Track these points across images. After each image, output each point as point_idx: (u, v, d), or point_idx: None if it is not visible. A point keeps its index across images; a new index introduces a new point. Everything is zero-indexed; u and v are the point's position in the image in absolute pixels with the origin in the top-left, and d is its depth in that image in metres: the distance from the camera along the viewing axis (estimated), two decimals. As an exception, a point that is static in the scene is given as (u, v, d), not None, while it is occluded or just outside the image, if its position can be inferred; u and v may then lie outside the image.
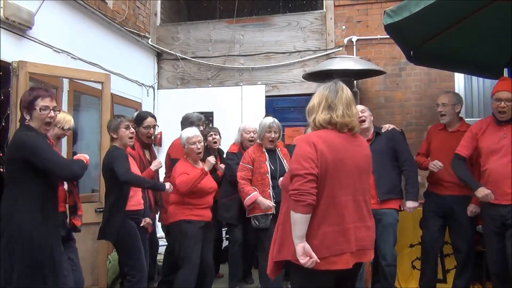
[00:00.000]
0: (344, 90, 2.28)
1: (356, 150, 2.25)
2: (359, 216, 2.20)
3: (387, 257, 3.64)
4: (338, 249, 2.11)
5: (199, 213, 3.68)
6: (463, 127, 3.82)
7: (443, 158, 3.78)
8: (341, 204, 2.15)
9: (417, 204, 3.74)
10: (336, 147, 2.18)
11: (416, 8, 3.12)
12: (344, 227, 2.13)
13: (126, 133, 3.46)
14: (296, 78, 6.03)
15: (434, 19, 3.53)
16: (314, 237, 2.11)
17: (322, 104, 2.25)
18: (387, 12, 3.36)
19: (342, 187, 2.16)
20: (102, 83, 4.34)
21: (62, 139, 4.27)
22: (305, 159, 2.12)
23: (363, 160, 2.28)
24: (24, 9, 3.91)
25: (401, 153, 3.75)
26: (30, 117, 2.58)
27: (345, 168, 2.17)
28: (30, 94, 2.61)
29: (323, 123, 2.23)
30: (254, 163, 3.93)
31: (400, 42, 4.05)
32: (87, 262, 3.87)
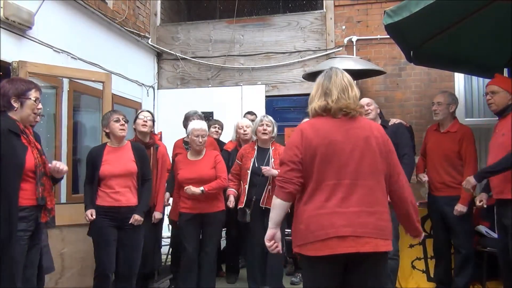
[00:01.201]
0: (338, 75, 2.26)
1: (353, 132, 2.13)
2: (359, 201, 2.05)
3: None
4: (322, 234, 2.01)
5: (188, 205, 3.86)
6: (453, 128, 3.83)
7: (435, 158, 3.84)
8: (328, 188, 2.06)
9: None
10: (325, 131, 2.12)
11: (416, 8, 3.12)
12: (329, 211, 2.03)
13: (116, 125, 3.48)
14: (296, 78, 6.03)
15: (434, 19, 3.53)
16: (300, 222, 2.10)
17: (318, 92, 2.24)
18: (387, 12, 3.36)
19: (333, 171, 2.07)
20: (103, 83, 4.34)
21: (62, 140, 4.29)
22: (290, 147, 2.16)
23: (366, 143, 2.12)
24: (24, 9, 3.91)
25: (401, 146, 3.72)
26: (20, 106, 2.57)
27: (336, 151, 2.08)
28: (21, 83, 2.60)
29: (319, 110, 2.19)
30: (242, 158, 4.07)
31: (400, 42, 4.05)
32: (88, 263, 3.86)
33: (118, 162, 3.48)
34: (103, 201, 3.41)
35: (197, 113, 4.62)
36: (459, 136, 3.75)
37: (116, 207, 3.42)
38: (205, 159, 3.95)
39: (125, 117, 3.57)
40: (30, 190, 2.56)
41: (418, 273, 4.18)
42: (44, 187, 2.61)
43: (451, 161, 3.73)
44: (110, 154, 3.49)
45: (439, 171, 3.76)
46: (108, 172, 3.42)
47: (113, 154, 3.50)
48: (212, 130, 4.82)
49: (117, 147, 3.54)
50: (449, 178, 3.72)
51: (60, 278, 3.75)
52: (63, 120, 4.34)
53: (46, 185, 2.63)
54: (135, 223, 3.46)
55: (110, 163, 3.45)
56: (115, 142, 3.54)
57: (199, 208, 3.83)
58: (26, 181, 2.55)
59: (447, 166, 3.72)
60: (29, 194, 2.55)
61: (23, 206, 2.52)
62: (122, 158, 3.51)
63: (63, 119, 4.33)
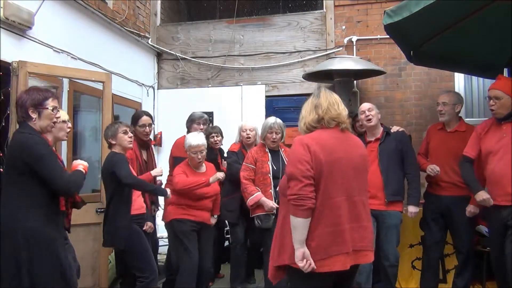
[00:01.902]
0: (326, 92, 2.34)
1: (351, 150, 2.25)
2: (356, 217, 2.19)
3: (390, 257, 3.65)
4: (334, 250, 2.11)
5: (192, 213, 3.74)
6: (461, 127, 3.82)
7: (441, 158, 3.79)
8: (336, 205, 2.14)
9: (418, 209, 3.77)
10: (330, 147, 2.18)
11: (416, 8, 3.12)
12: (339, 228, 2.13)
13: (124, 138, 3.45)
14: (296, 78, 6.03)
15: (434, 19, 3.53)
16: (311, 239, 2.12)
17: (308, 108, 2.31)
18: (387, 12, 3.36)
19: (337, 188, 2.15)
20: (103, 83, 4.33)
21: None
22: (300, 161, 2.13)
23: (359, 160, 2.27)
24: (24, 9, 3.91)
25: (407, 156, 3.77)
26: (38, 116, 2.57)
27: (339, 168, 2.17)
28: (38, 93, 2.61)
29: (312, 123, 2.27)
30: (257, 163, 3.94)
31: (400, 42, 4.05)
32: (88, 263, 3.87)
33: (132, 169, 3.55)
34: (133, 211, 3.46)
35: (203, 117, 4.50)
36: (468, 135, 3.67)
37: (143, 214, 3.61)
38: (209, 171, 3.91)
39: (131, 128, 3.60)
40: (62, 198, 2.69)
41: (418, 273, 4.17)
42: None
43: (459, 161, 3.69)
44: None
45: (446, 170, 3.70)
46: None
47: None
48: (212, 141, 4.52)
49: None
50: (457, 177, 3.62)
51: (60, 278, 3.75)
52: (63, 120, 4.33)
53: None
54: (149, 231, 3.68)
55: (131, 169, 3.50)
56: (122, 152, 3.51)
57: (202, 217, 3.80)
58: None
59: (455, 166, 3.62)
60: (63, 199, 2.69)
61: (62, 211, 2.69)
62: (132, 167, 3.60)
63: (63, 119, 4.32)
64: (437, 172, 3.70)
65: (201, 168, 3.90)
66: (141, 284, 3.37)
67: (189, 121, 4.50)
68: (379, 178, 3.66)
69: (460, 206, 3.62)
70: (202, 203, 3.77)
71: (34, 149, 2.46)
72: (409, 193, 3.75)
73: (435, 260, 3.88)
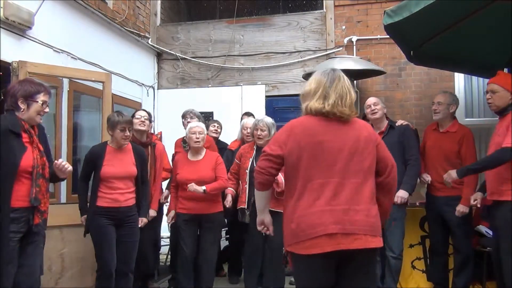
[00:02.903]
0: (341, 80, 2.24)
1: (342, 132, 2.17)
2: (347, 199, 2.08)
3: (395, 249, 3.68)
4: (312, 232, 2.04)
5: (186, 205, 3.87)
6: (453, 128, 3.83)
7: (434, 158, 3.83)
8: (317, 187, 2.09)
9: (407, 196, 3.73)
10: (314, 130, 2.16)
11: (416, 8, 3.12)
12: (318, 209, 2.06)
13: (120, 135, 3.44)
14: (296, 78, 6.03)
15: (434, 19, 3.53)
16: (291, 220, 2.12)
17: (318, 93, 2.23)
18: (387, 12, 3.36)
19: (321, 170, 2.11)
20: (103, 83, 4.33)
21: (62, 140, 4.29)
22: (273, 141, 2.22)
23: (355, 142, 2.16)
24: (24, 9, 3.91)
25: (409, 148, 3.78)
26: (27, 107, 2.57)
27: (324, 151, 2.12)
28: (31, 85, 2.60)
29: (314, 111, 2.20)
30: (241, 158, 4.05)
31: (400, 42, 4.06)
32: (88, 263, 3.87)
33: (119, 163, 3.48)
34: (103, 202, 3.40)
35: (192, 111, 4.67)
36: (459, 136, 3.74)
37: (116, 207, 3.43)
38: (206, 160, 3.95)
39: (131, 127, 3.56)
40: (24, 191, 2.55)
41: (418, 273, 4.18)
42: (39, 188, 2.59)
43: (450, 161, 3.72)
44: (112, 155, 3.48)
45: (438, 170, 3.74)
46: (109, 174, 3.42)
47: (114, 155, 3.49)
48: (211, 129, 4.80)
49: (118, 148, 3.53)
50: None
51: (60, 278, 3.75)
52: (63, 120, 4.34)
53: (41, 186, 2.62)
54: (142, 226, 3.61)
55: (112, 164, 3.45)
56: (115, 145, 3.53)
57: (198, 209, 3.83)
58: (21, 182, 2.54)
59: (446, 166, 3.68)
60: (23, 195, 2.54)
61: (15, 208, 2.51)
62: (123, 160, 3.51)
63: (63, 119, 4.33)
64: (427, 182, 3.84)
65: (198, 155, 3.97)
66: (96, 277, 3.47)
67: (182, 119, 4.71)
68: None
69: (453, 206, 3.64)
70: (190, 192, 3.76)
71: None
72: (404, 180, 3.72)
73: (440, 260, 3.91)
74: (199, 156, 3.96)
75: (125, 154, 3.55)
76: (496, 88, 3.23)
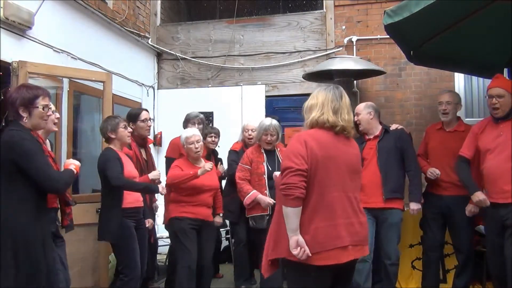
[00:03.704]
0: (344, 97, 2.37)
1: (346, 149, 2.31)
2: (352, 212, 2.24)
3: (392, 256, 3.65)
4: (329, 244, 2.14)
5: (191, 210, 3.74)
6: (460, 127, 3.83)
7: (441, 158, 3.80)
8: (332, 200, 2.18)
9: (420, 206, 3.75)
10: (327, 144, 2.24)
11: (416, 8, 3.12)
12: (335, 223, 2.17)
13: (125, 132, 3.48)
14: (296, 78, 6.03)
15: (434, 19, 3.53)
16: (306, 232, 2.15)
17: (327, 106, 2.30)
18: (387, 12, 3.36)
19: (332, 183, 2.20)
20: (103, 83, 4.33)
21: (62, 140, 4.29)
22: (295, 155, 2.19)
23: (354, 159, 2.34)
24: (24, 9, 3.90)
25: (408, 154, 3.76)
26: (28, 115, 2.54)
27: (335, 165, 2.22)
28: (28, 91, 2.56)
29: (327, 124, 2.27)
30: (252, 163, 3.95)
31: (400, 42, 4.06)
32: (88, 263, 3.87)
33: (130, 165, 3.54)
34: (126, 203, 3.42)
35: (199, 117, 4.55)
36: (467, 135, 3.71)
37: (137, 207, 3.53)
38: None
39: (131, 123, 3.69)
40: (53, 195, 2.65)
41: (418, 273, 4.18)
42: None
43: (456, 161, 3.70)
44: (123, 158, 3.50)
45: (446, 170, 3.70)
46: (130, 174, 3.46)
47: (123, 157, 3.51)
48: (209, 140, 4.49)
49: (121, 151, 3.55)
50: (457, 177, 3.62)
51: (60, 278, 3.75)
52: (63, 120, 4.33)
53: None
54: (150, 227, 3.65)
55: (128, 166, 3.48)
56: (119, 147, 3.54)
57: (202, 214, 3.79)
58: None
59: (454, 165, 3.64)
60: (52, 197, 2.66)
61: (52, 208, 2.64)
62: (129, 162, 3.57)
63: (63, 119, 4.32)
64: (437, 175, 3.73)
65: (200, 163, 3.89)
66: (120, 282, 3.38)
67: (185, 121, 4.57)
68: (378, 175, 3.64)
69: (460, 205, 3.61)
70: (200, 198, 3.76)
71: (20, 145, 2.43)
72: (410, 190, 3.74)
73: (435, 260, 3.88)
74: (200, 162, 3.90)
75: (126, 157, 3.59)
76: (502, 92, 3.22)
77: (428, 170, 3.79)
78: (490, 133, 3.33)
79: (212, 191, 3.87)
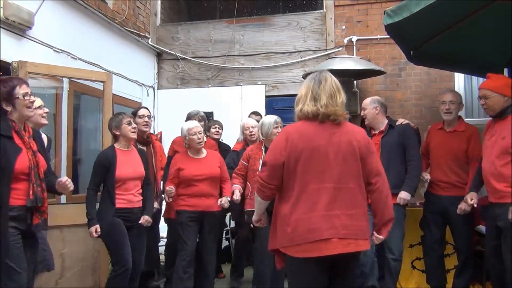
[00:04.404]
0: (328, 80, 2.30)
1: (334, 137, 2.22)
2: (339, 204, 2.15)
3: (395, 251, 3.66)
4: (310, 237, 2.11)
5: (189, 203, 3.78)
6: (460, 127, 3.82)
7: (440, 157, 3.80)
8: (314, 192, 2.16)
9: (409, 197, 3.72)
10: (310, 135, 2.21)
11: (416, 8, 3.12)
12: (316, 214, 2.12)
13: (128, 128, 3.50)
14: (296, 78, 6.03)
15: (434, 19, 3.53)
16: (287, 224, 2.16)
17: (308, 96, 2.29)
18: (387, 12, 3.36)
19: (317, 175, 2.17)
20: (104, 83, 4.33)
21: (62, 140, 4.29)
22: (275, 149, 2.24)
23: (345, 146, 2.22)
24: (24, 9, 3.91)
25: (409, 148, 3.75)
26: (13, 107, 2.52)
27: (319, 156, 2.18)
28: (3, 85, 2.52)
29: (309, 115, 2.26)
30: (249, 160, 3.97)
31: (400, 42, 4.06)
32: (88, 263, 3.87)
33: (131, 165, 3.53)
34: (118, 203, 3.42)
35: (199, 114, 4.57)
36: (467, 135, 3.70)
37: (130, 208, 3.49)
38: (210, 158, 3.93)
39: (134, 119, 3.67)
40: (22, 190, 2.51)
41: (418, 273, 4.18)
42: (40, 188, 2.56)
43: (458, 161, 3.69)
44: (123, 157, 3.50)
45: (445, 170, 3.71)
46: (124, 175, 3.45)
47: (125, 157, 3.51)
48: (213, 131, 4.73)
49: (127, 150, 3.55)
50: (456, 177, 3.66)
51: (60, 278, 3.75)
52: (63, 120, 4.34)
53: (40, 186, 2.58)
54: (145, 224, 3.56)
55: (126, 166, 3.48)
56: (125, 144, 3.55)
57: (201, 206, 3.79)
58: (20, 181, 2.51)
59: (454, 166, 3.67)
60: (21, 194, 2.51)
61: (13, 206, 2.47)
62: (133, 161, 3.56)
63: (63, 119, 4.33)
64: (426, 181, 3.79)
65: (201, 154, 3.92)
66: (110, 276, 3.42)
67: (186, 120, 4.53)
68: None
69: (457, 206, 3.61)
70: (197, 189, 3.76)
71: None
72: (405, 181, 3.71)
73: (437, 259, 3.88)
74: (201, 154, 3.93)
75: (133, 155, 3.59)
76: (488, 93, 3.22)
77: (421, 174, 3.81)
78: (489, 132, 3.34)
79: (208, 180, 3.82)
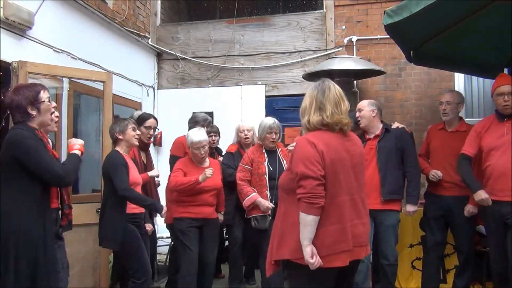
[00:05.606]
0: (331, 89, 2.31)
1: (351, 149, 2.29)
2: (356, 214, 2.24)
3: (389, 257, 3.65)
4: (337, 248, 2.16)
5: (192, 210, 3.76)
6: (462, 127, 3.82)
7: (442, 158, 3.79)
8: (340, 204, 2.19)
9: (417, 208, 3.76)
10: (334, 147, 2.22)
11: (416, 8, 3.12)
12: (342, 226, 2.18)
13: (133, 134, 3.48)
14: (296, 78, 6.03)
15: (434, 19, 3.53)
16: (315, 236, 2.14)
17: (313, 106, 2.29)
18: (387, 12, 3.36)
19: (340, 187, 2.20)
20: (104, 83, 4.33)
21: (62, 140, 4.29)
22: (311, 161, 2.15)
23: (359, 159, 2.32)
24: (24, 9, 3.91)
25: (407, 154, 3.73)
26: (38, 111, 2.55)
27: (343, 168, 2.22)
28: (29, 90, 2.57)
29: (316, 125, 2.27)
30: (253, 163, 3.94)
31: (400, 42, 4.05)
32: (89, 263, 3.87)
33: (135, 170, 3.53)
34: (130, 209, 3.41)
35: (207, 120, 4.52)
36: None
37: (139, 213, 3.52)
38: (213, 167, 3.88)
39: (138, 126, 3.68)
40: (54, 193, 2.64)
41: (418, 273, 4.18)
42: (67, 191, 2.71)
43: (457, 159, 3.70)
44: (129, 162, 3.48)
45: (448, 170, 3.70)
46: (137, 179, 3.47)
47: (129, 162, 3.49)
48: (209, 140, 4.41)
49: (127, 155, 3.53)
50: (459, 177, 3.60)
51: (60, 278, 3.75)
52: (63, 121, 4.33)
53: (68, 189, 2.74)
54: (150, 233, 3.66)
55: (134, 171, 3.47)
56: (127, 150, 3.52)
57: (203, 213, 3.80)
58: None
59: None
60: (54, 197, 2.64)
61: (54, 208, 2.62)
62: (134, 167, 3.57)
63: (63, 120, 4.32)
64: (439, 178, 3.72)
65: (204, 163, 3.90)
66: (133, 285, 3.35)
67: (192, 122, 4.50)
68: (377, 176, 3.63)
69: (461, 206, 3.61)
70: (201, 198, 3.77)
71: (24, 143, 2.44)
72: (408, 192, 3.73)
73: (435, 260, 3.88)
74: (205, 163, 3.92)
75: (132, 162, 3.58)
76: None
77: (430, 173, 3.77)
78: (495, 131, 3.33)
79: (214, 191, 3.87)
